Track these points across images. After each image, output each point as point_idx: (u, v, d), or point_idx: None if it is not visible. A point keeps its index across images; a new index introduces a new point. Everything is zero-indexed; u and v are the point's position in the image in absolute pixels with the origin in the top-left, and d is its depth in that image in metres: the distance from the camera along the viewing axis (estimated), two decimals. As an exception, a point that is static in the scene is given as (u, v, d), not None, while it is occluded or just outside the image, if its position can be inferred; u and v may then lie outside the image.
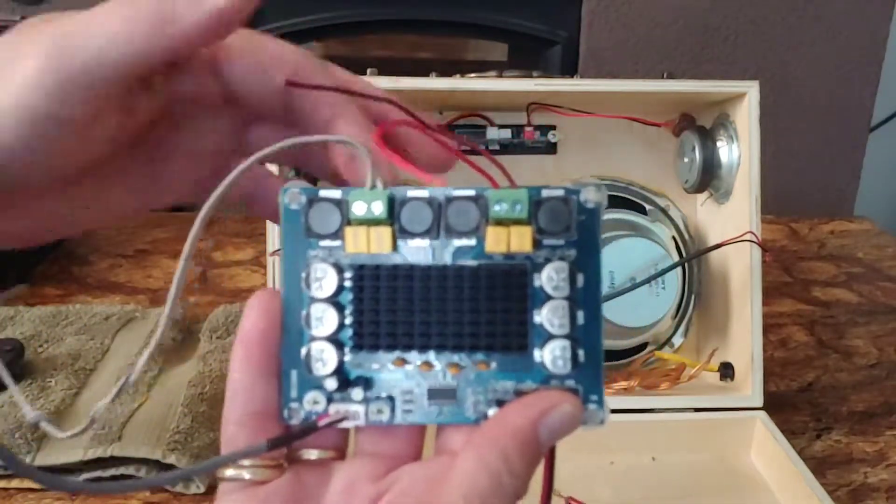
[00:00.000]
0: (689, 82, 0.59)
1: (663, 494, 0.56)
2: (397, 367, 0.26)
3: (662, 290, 0.59)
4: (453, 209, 0.26)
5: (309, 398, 0.26)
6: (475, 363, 0.26)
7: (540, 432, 0.24)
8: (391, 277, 0.26)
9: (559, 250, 0.26)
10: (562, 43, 1.62)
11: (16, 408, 0.58)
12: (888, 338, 0.79)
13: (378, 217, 0.25)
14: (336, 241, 0.26)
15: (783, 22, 1.62)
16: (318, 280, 0.26)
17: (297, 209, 0.26)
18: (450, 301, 0.25)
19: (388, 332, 0.26)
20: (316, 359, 0.26)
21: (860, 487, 0.58)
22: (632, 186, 0.65)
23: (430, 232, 0.26)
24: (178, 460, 0.53)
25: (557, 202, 0.26)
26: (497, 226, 0.25)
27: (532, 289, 0.26)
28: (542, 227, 0.25)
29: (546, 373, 0.26)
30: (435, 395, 0.26)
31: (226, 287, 0.83)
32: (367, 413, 0.26)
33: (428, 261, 0.26)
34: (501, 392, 0.26)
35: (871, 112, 1.71)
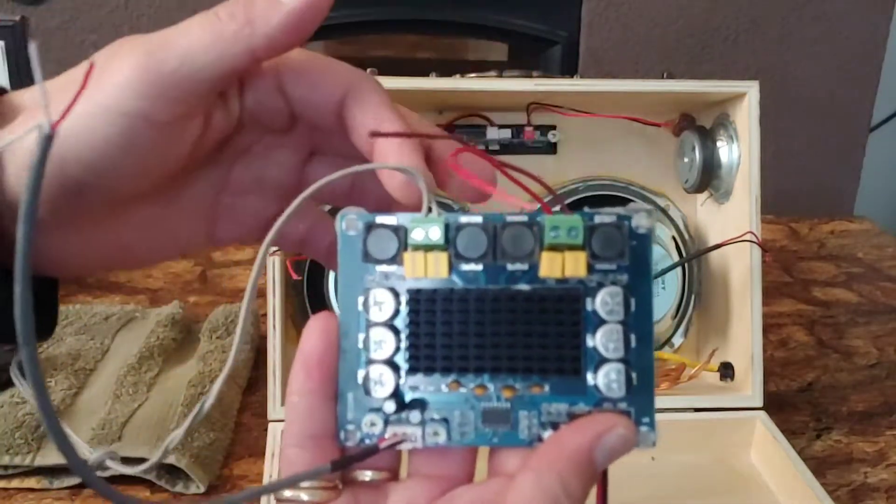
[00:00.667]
0: (689, 82, 0.59)
1: (663, 494, 0.56)
2: (452, 390, 0.26)
3: (662, 290, 0.59)
4: (508, 234, 0.26)
5: (367, 420, 0.26)
6: (529, 386, 0.26)
7: (596, 455, 0.25)
8: (447, 301, 0.26)
9: (611, 275, 0.26)
10: (562, 43, 1.62)
11: (16, 407, 0.58)
12: (888, 338, 0.79)
13: (435, 242, 0.26)
14: (392, 266, 0.26)
15: (783, 22, 1.62)
16: (377, 304, 0.26)
17: (355, 235, 0.26)
18: (504, 325, 0.26)
19: (443, 355, 0.26)
20: (374, 382, 0.26)
21: (860, 487, 0.58)
22: (632, 186, 0.65)
23: (485, 257, 0.26)
24: (178, 460, 0.53)
25: (611, 228, 0.26)
26: (551, 251, 0.26)
27: (585, 313, 0.26)
28: (596, 253, 0.26)
29: (599, 396, 0.26)
30: (489, 417, 0.26)
31: (226, 287, 0.83)
32: (424, 435, 0.26)
33: (483, 285, 0.26)
34: (555, 415, 0.26)
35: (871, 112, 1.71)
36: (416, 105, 0.62)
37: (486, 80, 0.58)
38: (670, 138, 0.65)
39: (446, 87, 0.57)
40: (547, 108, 0.63)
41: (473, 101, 0.62)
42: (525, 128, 0.64)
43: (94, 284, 0.82)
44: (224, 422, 0.59)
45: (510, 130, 0.63)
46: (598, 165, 0.65)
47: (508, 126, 0.63)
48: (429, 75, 0.58)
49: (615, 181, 0.65)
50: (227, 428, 0.60)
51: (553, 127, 0.64)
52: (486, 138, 0.63)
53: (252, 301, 0.27)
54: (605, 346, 0.26)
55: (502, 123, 0.63)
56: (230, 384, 0.63)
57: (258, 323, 0.72)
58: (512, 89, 0.59)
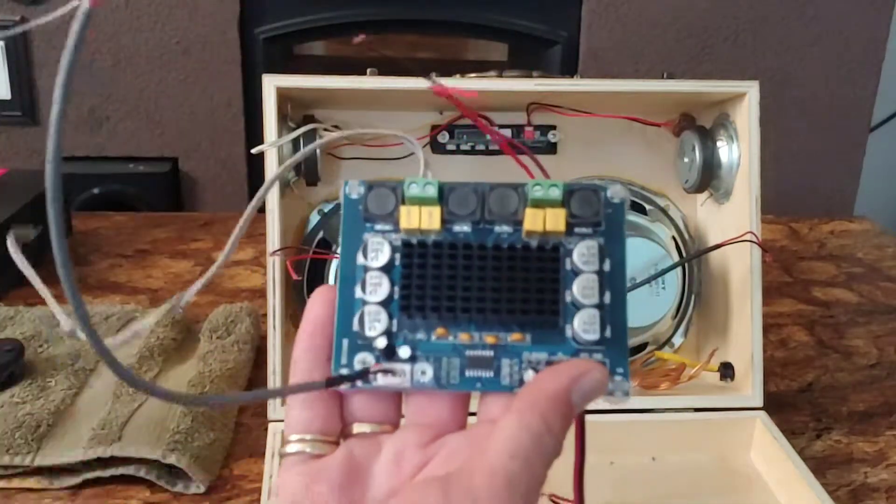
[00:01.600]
0: (689, 82, 0.59)
1: (663, 494, 0.56)
2: (440, 336, 0.28)
3: (662, 290, 0.59)
4: (495, 196, 0.28)
5: (359, 359, 0.28)
6: (511, 334, 0.28)
7: (573, 396, 0.26)
8: (437, 251, 0.28)
9: (588, 237, 0.28)
10: (562, 43, 1.62)
11: (16, 407, 0.58)
12: (888, 338, 0.79)
13: (430, 197, 0.28)
14: (389, 223, 0.29)
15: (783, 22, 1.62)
16: (374, 251, 0.28)
17: (357, 198, 0.29)
18: (489, 278, 0.28)
19: (432, 302, 0.28)
20: (371, 319, 0.28)
21: (860, 487, 0.58)
22: (632, 186, 0.65)
23: (473, 214, 0.28)
24: (179, 460, 0.53)
25: (588, 192, 0.28)
26: (534, 208, 0.28)
27: (564, 271, 0.28)
28: (574, 213, 0.28)
29: (576, 346, 0.28)
30: (474, 363, 0.28)
31: (226, 287, 0.83)
32: (412, 373, 0.28)
33: (471, 240, 0.28)
34: (535, 363, 0.28)
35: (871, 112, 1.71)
36: (417, 105, 0.63)
37: (486, 80, 0.58)
38: (670, 138, 0.65)
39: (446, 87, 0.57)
40: (547, 108, 0.63)
41: (473, 101, 0.62)
42: (525, 128, 0.64)
43: (94, 284, 0.82)
44: (224, 422, 0.59)
45: (510, 130, 0.63)
46: (598, 165, 0.65)
47: (508, 126, 0.63)
48: (429, 75, 0.58)
49: (615, 181, 0.65)
50: (227, 428, 0.59)
51: (553, 127, 0.64)
52: (486, 138, 0.63)
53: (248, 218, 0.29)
54: (582, 294, 0.28)
55: (502, 123, 0.63)
56: (230, 384, 0.63)
57: (258, 323, 0.72)
58: (512, 89, 0.58)
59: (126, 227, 0.96)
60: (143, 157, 1.58)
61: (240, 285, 0.83)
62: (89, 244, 0.91)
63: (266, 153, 0.54)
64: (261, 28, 1.55)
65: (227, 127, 1.58)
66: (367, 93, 0.57)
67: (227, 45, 1.53)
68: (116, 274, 0.85)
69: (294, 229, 0.61)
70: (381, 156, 0.62)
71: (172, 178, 1.60)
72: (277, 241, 0.55)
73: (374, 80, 0.56)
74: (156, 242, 0.93)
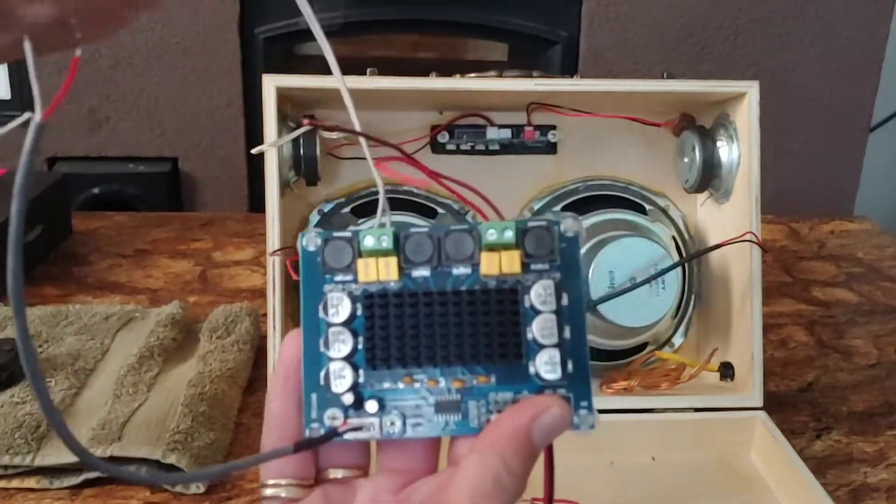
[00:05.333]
0: (689, 82, 0.59)
1: (663, 494, 0.56)
2: (407, 384, 0.28)
3: (662, 290, 0.59)
4: (451, 240, 0.29)
5: (328, 414, 0.28)
6: (476, 377, 0.28)
7: (533, 434, 0.27)
8: (398, 303, 0.28)
9: (545, 273, 0.29)
10: (562, 43, 1.62)
11: (16, 407, 0.58)
12: (888, 338, 0.79)
13: (385, 249, 0.28)
14: (349, 274, 0.29)
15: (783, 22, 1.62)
16: (334, 307, 0.29)
17: (315, 250, 0.29)
18: (451, 322, 0.28)
19: (397, 351, 0.28)
20: (335, 377, 0.28)
21: (860, 487, 0.58)
22: (632, 186, 0.65)
23: (431, 261, 0.29)
24: (179, 460, 0.53)
25: (541, 230, 0.29)
26: (489, 251, 0.28)
27: (524, 308, 0.28)
28: (529, 252, 0.29)
29: (540, 383, 0.28)
30: (441, 408, 0.28)
31: (226, 287, 0.83)
32: (382, 425, 0.28)
33: (430, 287, 0.29)
34: (502, 403, 0.28)
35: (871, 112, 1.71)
36: (417, 105, 0.63)
37: (486, 80, 0.58)
38: (670, 138, 0.65)
39: (446, 87, 0.57)
40: (547, 108, 0.63)
41: (473, 101, 0.62)
42: (525, 128, 0.64)
43: (94, 284, 0.82)
44: (224, 422, 0.59)
45: (510, 130, 0.63)
46: (598, 165, 0.65)
47: (508, 126, 0.63)
48: (429, 75, 0.58)
49: (615, 181, 0.65)
50: (227, 428, 0.59)
51: (553, 127, 0.64)
52: (486, 138, 0.63)
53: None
54: (541, 334, 0.28)
55: (502, 123, 0.63)
56: (230, 384, 0.63)
57: (258, 323, 0.72)
58: (512, 89, 0.58)
59: (126, 227, 0.96)
60: (143, 157, 1.58)
61: (240, 285, 0.83)
62: (89, 244, 0.91)
63: (266, 153, 0.54)
64: (261, 28, 1.55)
65: (227, 127, 1.58)
66: (367, 93, 0.57)
67: (227, 45, 1.54)
68: (116, 274, 0.85)
69: (294, 229, 0.61)
70: (381, 156, 0.62)
71: (172, 178, 1.60)
72: (277, 241, 0.55)
73: (374, 80, 0.56)
74: (156, 242, 0.93)
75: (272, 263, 0.55)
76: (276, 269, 0.55)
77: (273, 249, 0.55)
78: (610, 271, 0.58)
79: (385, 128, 0.62)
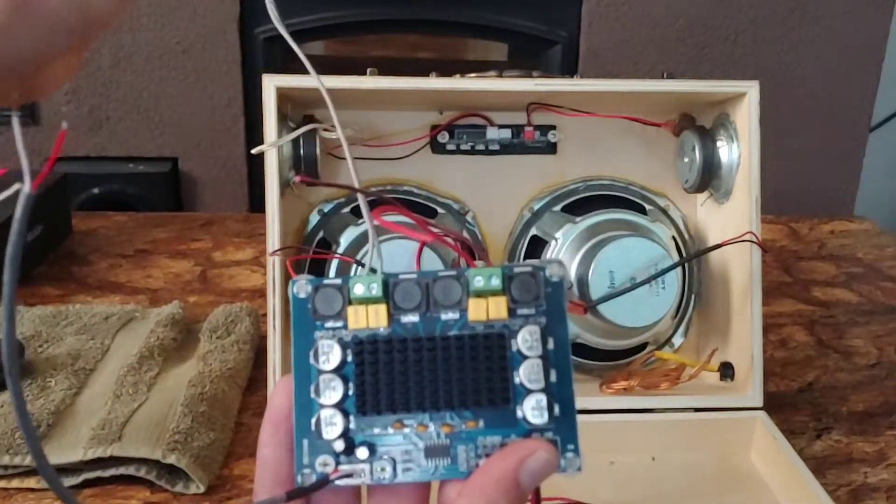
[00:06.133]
0: (689, 82, 0.59)
1: (663, 494, 0.56)
2: (397, 429, 0.29)
3: (662, 290, 0.59)
4: (439, 287, 0.29)
5: (320, 461, 0.29)
6: (465, 421, 0.29)
7: (520, 477, 0.27)
8: (387, 349, 0.29)
9: (531, 318, 0.29)
10: (562, 43, 1.62)
11: (16, 408, 0.57)
12: (888, 338, 0.79)
13: (375, 296, 0.29)
14: (339, 321, 0.29)
15: (783, 22, 1.62)
16: (325, 354, 0.29)
17: (305, 297, 0.29)
18: (440, 367, 0.29)
19: (387, 397, 0.29)
20: (326, 423, 0.29)
21: (860, 487, 0.58)
22: (632, 186, 0.65)
23: (419, 307, 0.29)
24: (178, 460, 0.53)
25: (527, 276, 0.29)
26: (477, 297, 0.29)
27: (511, 353, 0.29)
28: (516, 298, 0.29)
29: (528, 427, 0.29)
30: (431, 452, 0.29)
31: (226, 287, 0.83)
32: (372, 471, 0.29)
33: (419, 332, 0.29)
34: (490, 447, 0.29)
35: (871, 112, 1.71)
36: (417, 105, 0.63)
37: (486, 80, 0.58)
38: (670, 138, 0.65)
39: (446, 87, 0.57)
40: (547, 108, 0.63)
41: (473, 101, 0.62)
42: (525, 128, 0.64)
43: (94, 284, 0.82)
44: (224, 422, 0.59)
45: (510, 130, 0.63)
46: (598, 165, 0.65)
47: (508, 126, 0.63)
48: (429, 75, 0.58)
49: (615, 181, 0.65)
50: (227, 428, 0.60)
51: (553, 127, 0.64)
52: (486, 138, 0.63)
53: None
54: (528, 379, 0.29)
55: (502, 123, 0.63)
56: (230, 384, 0.63)
57: (258, 323, 0.72)
58: (512, 89, 0.58)
59: (126, 227, 0.96)
60: (143, 157, 1.58)
61: (240, 285, 0.83)
62: (89, 244, 0.91)
63: (266, 153, 0.54)
64: (261, 28, 1.55)
65: (227, 127, 1.58)
66: (367, 93, 0.57)
67: (227, 45, 1.54)
68: (116, 274, 0.85)
69: (294, 230, 0.61)
70: (381, 156, 0.62)
71: (172, 178, 1.60)
72: (277, 241, 0.55)
73: (374, 80, 0.56)
74: (156, 242, 0.93)
75: (272, 263, 0.55)
76: (276, 269, 0.55)
77: (273, 249, 0.55)
78: (610, 271, 0.58)
79: (385, 128, 0.62)
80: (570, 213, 0.63)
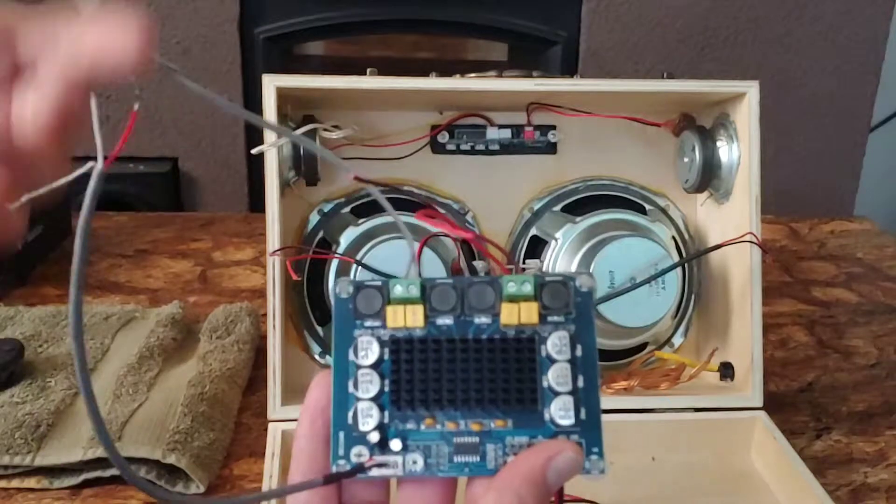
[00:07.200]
0: (689, 82, 0.59)
1: (663, 494, 0.56)
2: (429, 426, 0.30)
3: (662, 290, 0.59)
4: (473, 291, 0.31)
5: (355, 451, 0.30)
6: (494, 420, 0.30)
7: (548, 475, 0.28)
8: (423, 349, 0.30)
9: (561, 325, 0.30)
10: (562, 43, 1.62)
11: (16, 407, 0.58)
12: (888, 338, 0.79)
13: (413, 297, 0.31)
14: (378, 321, 0.31)
15: (783, 22, 1.62)
16: (364, 350, 0.30)
17: (347, 297, 0.31)
18: (472, 368, 0.30)
19: (420, 394, 0.30)
20: (363, 415, 0.30)
21: (860, 487, 0.58)
22: (632, 186, 0.65)
23: (454, 310, 0.31)
24: (178, 460, 0.53)
25: (558, 284, 0.31)
26: (510, 303, 0.30)
27: (540, 358, 0.30)
28: (546, 304, 0.30)
29: (555, 429, 0.30)
30: (460, 449, 0.30)
31: (226, 287, 0.83)
32: (404, 463, 0.30)
33: (453, 334, 0.30)
34: (518, 447, 0.30)
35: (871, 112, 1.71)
36: (417, 105, 0.63)
37: (486, 80, 0.58)
38: (670, 138, 0.65)
39: (446, 87, 0.57)
40: (547, 108, 0.63)
41: (473, 101, 0.62)
42: (525, 128, 0.64)
43: (94, 284, 0.82)
44: (224, 422, 0.59)
45: (510, 130, 0.63)
46: (598, 165, 0.65)
47: (508, 126, 0.63)
48: (429, 75, 0.58)
49: (615, 181, 0.65)
50: (227, 428, 0.59)
51: (553, 127, 0.64)
52: (486, 138, 0.63)
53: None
54: (556, 382, 0.30)
55: (502, 123, 0.63)
56: (230, 384, 0.63)
57: (258, 323, 0.72)
58: (512, 89, 0.58)
59: (126, 227, 0.96)
60: (143, 157, 1.58)
61: (240, 285, 0.84)
62: (89, 244, 0.91)
63: (266, 153, 0.55)
64: (261, 28, 1.55)
65: (227, 127, 1.58)
66: (366, 93, 0.57)
67: (227, 45, 1.54)
68: (116, 274, 0.85)
69: (294, 229, 0.61)
70: (381, 156, 0.62)
71: (172, 178, 1.60)
72: (277, 241, 0.55)
73: (373, 80, 0.56)
74: (156, 242, 0.93)
75: (272, 263, 0.55)
76: (276, 269, 0.55)
77: (273, 249, 0.55)
78: (610, 271, 0.58)
79: (385, 128, 0.62)
80: (570, 213, 0.63)
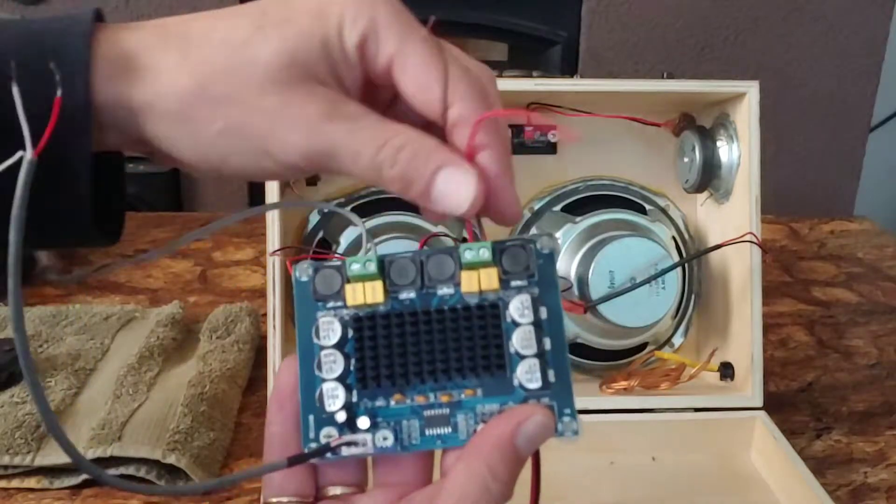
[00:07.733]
0: (689, 82, 0.59)
1: (663, 494, 0.56)
2: (398, 401, 0.30)
3: (662, 290, 0.59)
4: (433, 262, 0.30)
5: (324, 433, 0.30)
6: (463, 390, 0.30)
7: (518, 441, 0.28)
8: (385, 325, 0.30)
9: (524, 289, 0.30)
10: (562, 43, 1.62)
11: (16, 407, 0.58)
12: (888, 338, 0.79)
13: (371, 273, 0.30)
14: (339, 301, 0.30)
15: (783, 22, 1.62)
16: (325, 331, 0.30)
17: (307, 280, 0.31)
18: (436, 339, 0.30)
19: (386, 370, 0.30)
20: (328, 396, 0.30)
21: (860, 487, 0.58)
22: (632, 186, 0.65)
23: (414, 283, 0.30)
24: (178, 460, 0.53)
25: (518, 248, 0.30)
26: (469, 270, 0.30)
27: (506, 323, 0.30)
28: (507, 269, 0.30)
29: (525, 393, 0.29)
30: (432, 422, 0.30)
31: (226, 287, 0.83)
32: (374, 441, 0.30)
33: (416, 307, 0.30)
34: (489, 414, 0.30)
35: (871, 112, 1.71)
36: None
37: (486, 80, 0.58)
38: (670, 138, 0.65)
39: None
40: (547, 108, 0.63)
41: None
42: (525, 128, 0.64)
43: (94, 284, 0.82)
44: (224, 422, 0.59)
45: (510, 130, 0.63)
46: (598, 165, 0.65)
47: (508, 126, 0.63)
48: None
49: (615, 181, 0.65)
50: (227, 428, 0.59)
51: (553, 127, 0.64)
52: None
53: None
54: (521, 346, 0.29)
55: (502, 123, 0.63)
56: (230, 384, 0.63)
57: (258, 323, 0.72)
58: (512, 89, 0.58)
59: (126, 227, 0.96)
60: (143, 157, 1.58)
61: (240, 285, 0.83)
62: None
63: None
64: (261, 28, 1.54)
65: (227, 127, 1.57)
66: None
67: (227, 45, 1.53)
68: (116, 274, 0.85)
69: (294, 229, 0.61)
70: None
71: (172, 178, 1.60)
72: (277, 241, 0.55)
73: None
74: (156, 242, 0.93)
75: (272, 263, 0.55)
76: (276, 269, 0.55)
77: (273, 249, 0.55)
78: (610, 271, 0.58)
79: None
80: (570, 213, 0.63)
